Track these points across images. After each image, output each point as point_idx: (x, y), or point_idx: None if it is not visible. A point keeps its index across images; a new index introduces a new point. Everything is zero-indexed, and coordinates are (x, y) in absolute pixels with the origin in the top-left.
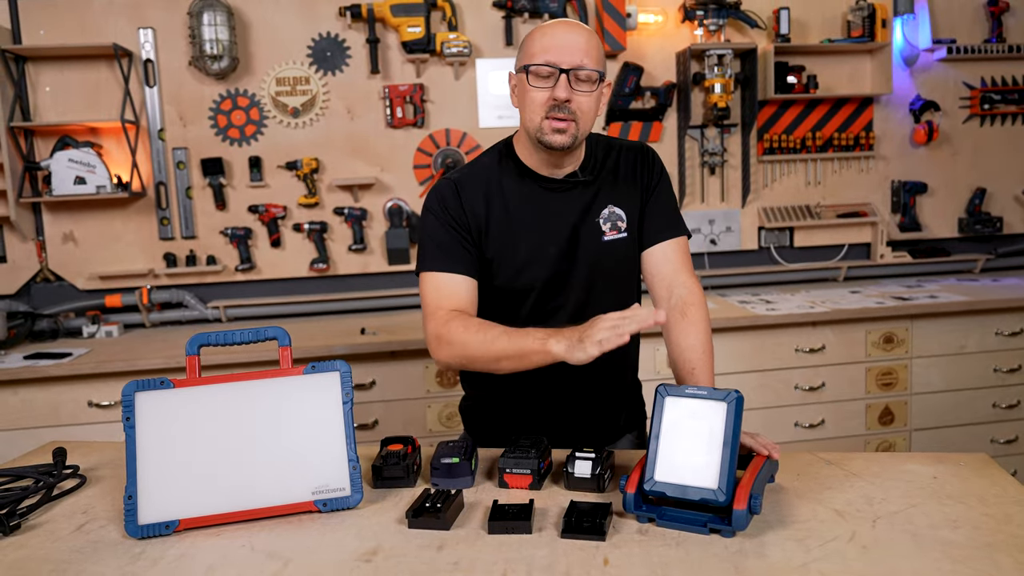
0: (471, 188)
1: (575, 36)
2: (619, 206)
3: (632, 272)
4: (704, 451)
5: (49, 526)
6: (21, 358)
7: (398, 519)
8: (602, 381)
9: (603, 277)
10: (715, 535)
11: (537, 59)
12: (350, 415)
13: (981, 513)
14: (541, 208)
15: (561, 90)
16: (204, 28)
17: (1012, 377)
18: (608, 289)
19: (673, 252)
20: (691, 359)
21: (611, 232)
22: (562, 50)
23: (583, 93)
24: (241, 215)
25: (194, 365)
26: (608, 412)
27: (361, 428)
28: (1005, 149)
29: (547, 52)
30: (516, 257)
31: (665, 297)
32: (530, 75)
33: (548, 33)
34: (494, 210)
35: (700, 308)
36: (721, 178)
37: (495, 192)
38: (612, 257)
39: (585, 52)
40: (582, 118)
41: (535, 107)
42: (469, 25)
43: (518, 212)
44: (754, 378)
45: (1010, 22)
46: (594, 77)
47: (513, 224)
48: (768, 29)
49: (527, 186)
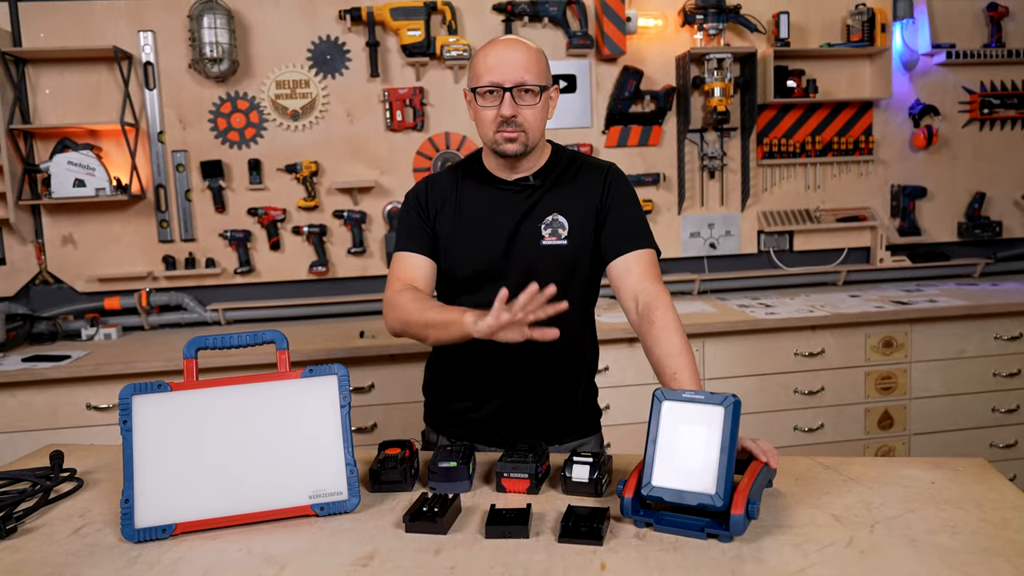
0: (439, 184)
1: (515, 54)
2: (564, 215)
3: (576, 285)
4: (702, 456)
5: (46, 529)
6: (20, 360)
7: (395, 523)
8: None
9: (538, 279)
10: (713, 540)
11: (482, 80)
12: (347, 419)
13: (979, 518)
14: (489, 205)
15: (506, 108)
16: (204, 31)
17: (1011, 381)
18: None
19: (636, 263)
20: (670, 365)
21: (550, 237)
22: (504, 69)
23: (528, 106)
24: (240, 218)
25: (192, 368)
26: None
27: (360, 431)
28: (1004, 153)
29: (490, 73)
30: (456, 246)
31: (632, 308)
32: (478, 96)
33: (490, 54)
34: (450, 203)
35: (666, 311)
36: (721, 182)
37: (456, 189)
38: (548, 261)
39: (525, 68)
40: (530, 128)
41: (486, 123)
42: (469, 29)
43: (469, 207)
44: (753, 382)
45: (1009, 27)
46: (536, 90)
47: (463, 216)
48: (768, 33)
49: (482, 186)
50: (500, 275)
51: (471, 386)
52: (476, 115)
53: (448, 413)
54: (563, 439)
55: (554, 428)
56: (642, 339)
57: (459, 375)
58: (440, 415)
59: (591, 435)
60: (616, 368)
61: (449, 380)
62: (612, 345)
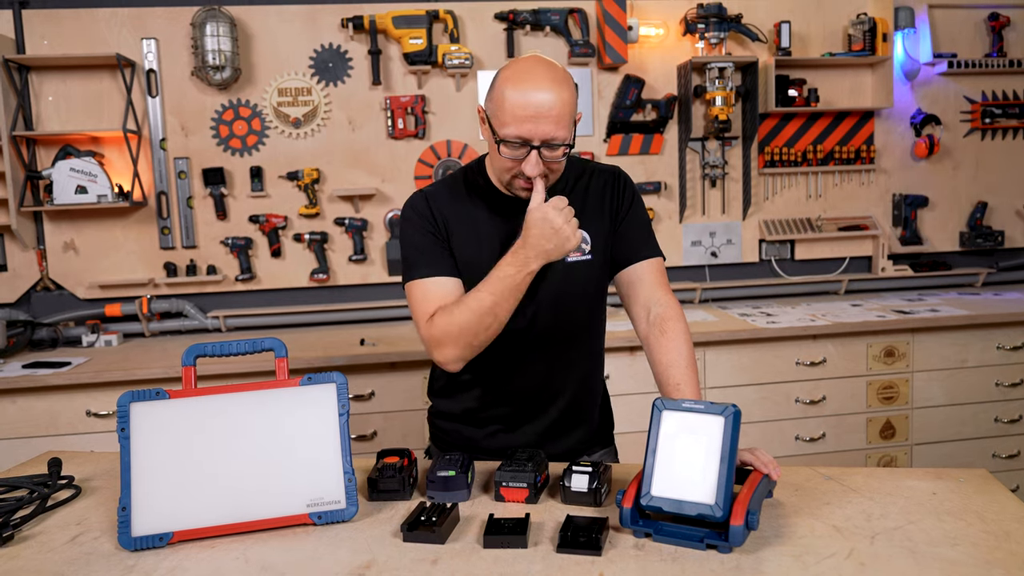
0: (440, 200)
1: (548, 101)
2: (585, 229)
3: (597, 293)
4: (701, 466)
5: (42, 537)
6: (20, 367)
7: (393, 532)
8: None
9: (566, 297)
10: (712, 551)
11: (508, 129)
12: (346, 427)
13: (980, 530)
14: (508, 226)
15: (531, 167)
16: (207, 39)
17: (1014, 392)
18: (571, 309)
19: (648, 272)
20: (675, 375)
21: (575, 254)
22: (536, 122)
23: (553, 161)
24: (242, 225)
25: (190, 376)
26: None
27: (360, 439)
28: (1006, 163)
29: (519, 124)
30: (479, 273)
31: (643, 316)
32: (501, 145)
33: (521, 97)
34: (462, 222)
35: (678, 322)
36: (722, 191)
37: (461, 207)
38: (576, 278)
39: (556, 121)
40: (552, 175)
41: (505, 167)
42: (471, 37)
43: (485, 227)
44: (754, 391)
45: (1011, 36)
46: (566, 141)
47: (479, 239)
48: (769, 42)
49: (492, 205)
50: (527, 299)
51: (504, 412)
52: (492, 152)
53: (476, 439)
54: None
55: (582, 444)
56: (649, 347)
57: (490, 401)
58: (461, 443)
59: (608, 447)
60: (616, 376)
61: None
62: (613, 353)
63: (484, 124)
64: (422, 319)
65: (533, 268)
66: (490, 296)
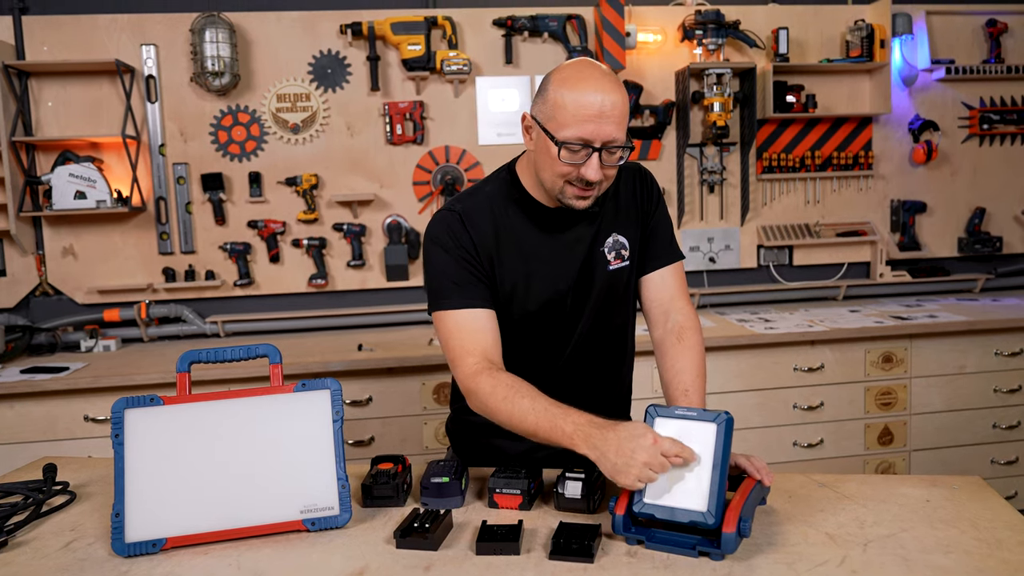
0: (478, 219)
1: (609, 101)
2: (622, 234)
3: (630, 297)
4: (694, 473)
5: (36, 543)
6: (18, 372)
7: (386, 539)
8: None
9: (607, 305)
10: (704, 558)
11: (570, 131)
12: (340, 434)
13: (973, 538)
14: (552, 241)
15: (592, 171)
16: (206, 45)
17: (1012, 397)
18: (609, 316)
19: (671, 277)
20: (685, 381)
21: (616, 261)
22: (599, 122)
23: (612, 166)
24: (240, 230)
25: (185, 382)
26: None
27: (357, 445)
28: (1004, 169)
29: (582, 124)
30: (529, 292)
31: (662, 321)
32: (562, 149)
33: (582, 98)
34: (504, 243)
35: (696, 333)
36: (720, 196)
37: (503, 224)
38: (616, 286)
39: (618, 121)
40: (606, 182)
41: (558, 173)
42: (469, 43)
43: (529, 246)
44: (752, 397)
45: (1008, 43)
46: (624, 150)
47: (525, 259)
48: (767, 48)
49: (535, 218)
50: (575, 314)
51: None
52: (544, 157)
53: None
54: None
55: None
56: (664, 352)
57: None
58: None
59: None
60: None
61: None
62: None
63: (531, 132)
64: (458, 359)
65: (577, 444)
66: (533, 423)
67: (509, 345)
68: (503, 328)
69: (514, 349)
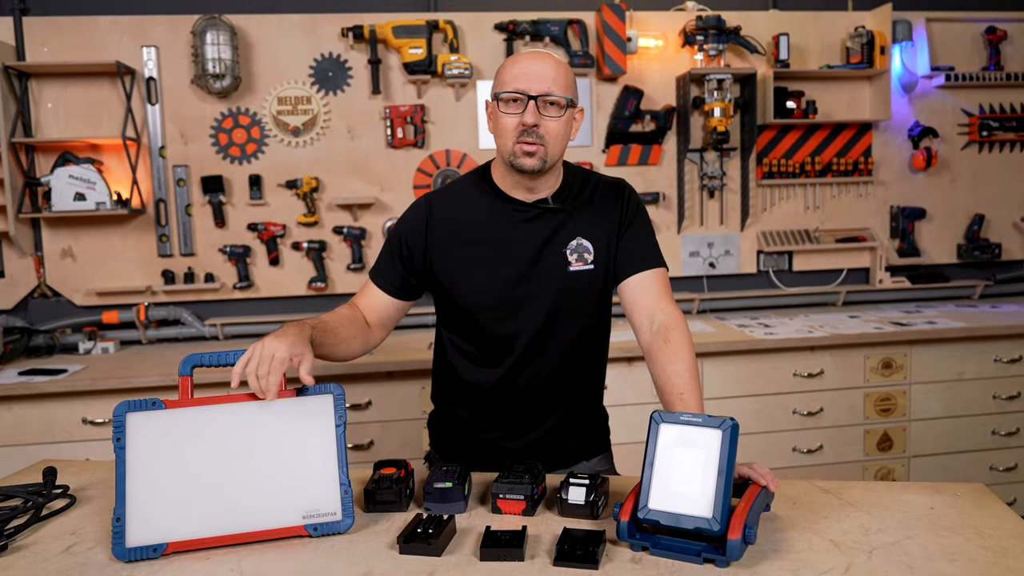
0: (443, 205)
1: (543, 65)
2: (588, 239)
3: (598, 306)
4: (699, 479)
5: (36, 547)
6: (16, 374)
7: (389, 544)
8: (566, 401)
9: (566, 307)
10: (709, 565)
11: (507, 87)
12: (343, 438)
13: (978, 545)
14: (506, 230)
15: (529, 115)
16: (207, 47)
17: (1011, 404)
18: (571, 319)
19: (651, 282)
20: (678, 384)
21: (577, 263)
22: (530, 78)
23: (551, 118)
24: (240, 233)
25: (187, 386)
26: (569, 434)
27: (357, 448)
28: (1003, 176)
29: (516, 80)
30: (474, 277)
31: (646, 326)
32: (500, 102)
33: (518, 62)
34: (462, 228)
35: (682, 332)
36: (720, 202)
37: (466, 210)
38: (576, 288)
39: (553, 80)
40: (551, 142)
41: (507, 132)
42: (470, 47)
43: (484, 232)
44: (752, 402)
45: (1008, 50)
46: (562, 103)
47: (476, 244)
48: (768, 54)
49: (497, 207)
50: (521, 307)
51: (506, 417)
52: (496, 124)
53: (477, 444)
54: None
55: (582, 450)
56: (652, 357)
57: (491, 406)
58: (463, 447)
59: (606, 451)
60: (615, 387)
61: (479, 412)
62: (611, 364)
63: (490, 119)
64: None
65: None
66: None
67: (468, 329)
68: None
69: (472, 332)
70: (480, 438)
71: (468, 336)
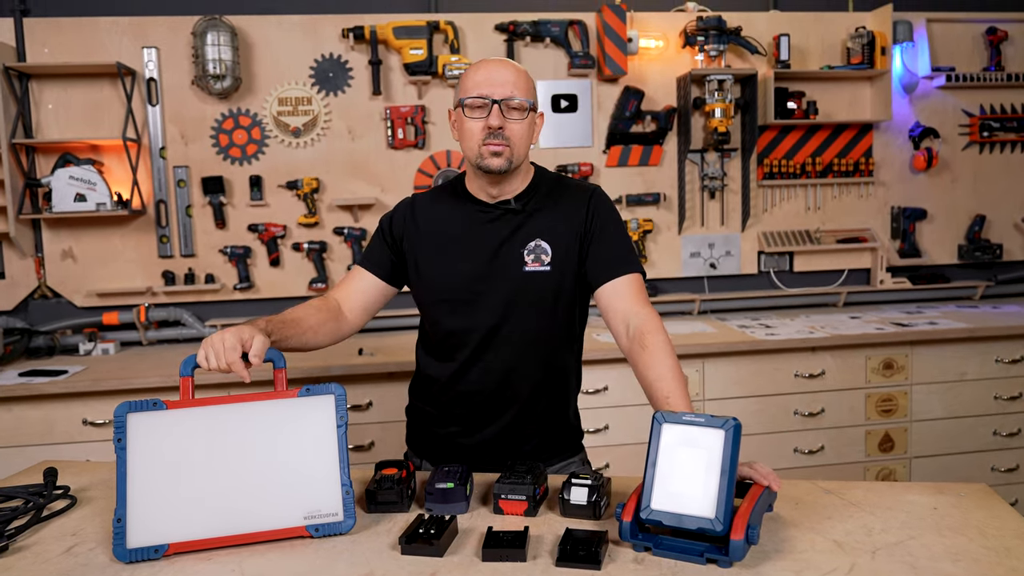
0: (424, 205)
1: (505, 71)
2: (547, 241)
3: (561, 308)
4: (701, 479)
5: (37, 548)
6: (16, 375)
7: (391, 545)
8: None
9: (520, 306)
10: (712, 565)
11: (471, 93)
12: (344, 439)
13: (981, 546)
14: (467, 228)
15: (494, 118)
16: (207, 48)
17: (1013, 405)
18: (526, 318)
19: (625, 287)
20: (663, 388)
21: (533, 263)
22: (493, 83)
23: (515, 121)
24: (241, 234)
25: (188, 386)
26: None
27: (357, 449)
28: (1004, 176)
29: (479, 86)
30: (434, 270)
31: (623, 332)
32: (466, 108)
33: (481, 69)
34: (433, 226)
35: (658, 334)
36: (721, 202)
37: (439, 211)
38: (531, 287)
39: (514, 84)
40: (516, 143)
41: (473, 135)
42: (471, 48)
43: (447, 230)
44: (753, 403)
45: (1009, 51)
46: (524, 106)
47: (439, 240)
48: (768, 55)
49: (461, 208)
50: (475, 302)
51: (459, 413)
52: (462, 129)
53: (437, 438)
54: (549, 461)
55: (540, 452)
56: (633, 363)
57: (446, 401)
58: (426, 440)
59: (576, 455)
60: (616, 388)
61: (436, 406)
62: (612, 365)
63: (454, 126)
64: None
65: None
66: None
67: (429, 322)
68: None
69: (432, 325)
70: (438, 432)
71: (430, 329)
